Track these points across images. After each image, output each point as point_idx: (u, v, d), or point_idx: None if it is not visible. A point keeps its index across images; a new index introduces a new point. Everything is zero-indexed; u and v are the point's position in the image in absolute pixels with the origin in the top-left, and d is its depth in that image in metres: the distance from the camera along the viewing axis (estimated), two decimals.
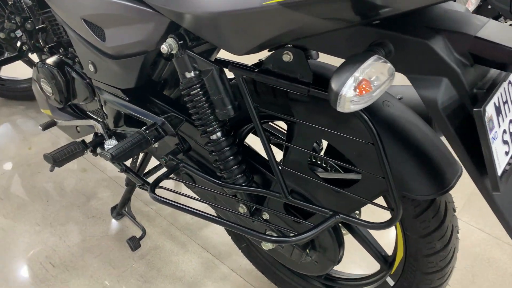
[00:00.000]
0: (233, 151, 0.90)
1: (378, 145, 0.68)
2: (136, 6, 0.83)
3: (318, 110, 0.76)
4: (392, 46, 0.62)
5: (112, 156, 0.88)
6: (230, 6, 0.64)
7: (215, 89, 0.81)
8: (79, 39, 1.02)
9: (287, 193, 0.82)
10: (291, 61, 0.70)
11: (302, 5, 0.58)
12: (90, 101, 1.22)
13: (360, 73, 0.54)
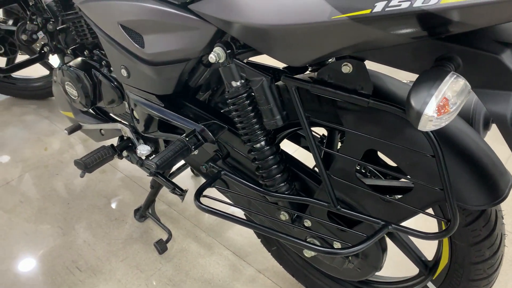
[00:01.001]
0: (277, 159, 0.89)
1: (439, 158, 0.67)
2: (180, 13, 0.81)
3: (372, 120, 0.76)
4: (460, 60, 0.61)
5: (157, 166, 0.87)
6: (296, 19, 0.62)
7: (264, 99, 0.80)
8: (112, 44, 1.00)
9: (336, 202, 0.82)
10: (351, 72, 0.69)
11: (374, 20, 0.57)
12: (117, 104, 1.20)
13: (440, 92, 0.53)
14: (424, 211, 0.77)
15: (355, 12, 0.57)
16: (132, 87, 1.06)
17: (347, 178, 0.83)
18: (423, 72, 0.58)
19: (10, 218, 1.48)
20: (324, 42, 0.64)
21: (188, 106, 1.03)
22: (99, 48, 1.24)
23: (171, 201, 1.55)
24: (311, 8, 0.61)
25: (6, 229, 1.44)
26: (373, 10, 0.56)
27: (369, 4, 0.56)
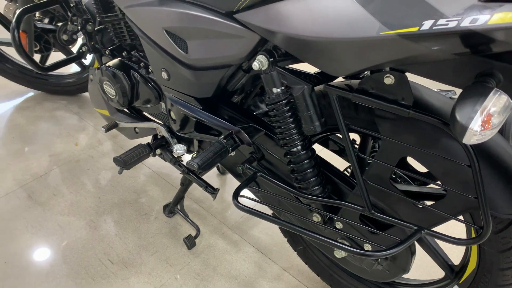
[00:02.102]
0: (312, 163, 0.93)
1: (475, 168, 0.71)
2: (225, 21, 0.85)
3: (408, 128, 0.79)
4: (501, 75, 0.64)
5: (199, 166, 0.91)
6: (343, 33, 0.66)
7: (304, 106, 0.84)
8: (154, 47, 1.05)
9: (370, 206, 0.86)
10: (393, 83, 0.73)
11: (421, 38, 0.60)
12: (153, 104, 1.25)
13: (485, 108, 0.56)
14: (456, 217, 0.80)
15: (404, 29, 0.61)
16: (171, 89, 1.11)
17: (382, 183, 0.87)
18: (467, 88, 0.61)
19: (44, 211, 1.54)
20: (370, 55, 0.68)
21: (224, 108, 1.07)
22: (136, 50, 1.29)
23: (198, 198, 1.60)
24: (359, 23, 0.65)
25: (41, 220, 1.50)
26: (421, 28, 0.59)
27: (417, 22, 0.59)
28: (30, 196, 1.60)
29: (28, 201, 1.58)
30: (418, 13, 0.60)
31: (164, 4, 0.94)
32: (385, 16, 0.62)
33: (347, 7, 0.66)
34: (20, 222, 1.50)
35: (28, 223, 1.50)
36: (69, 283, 1.31)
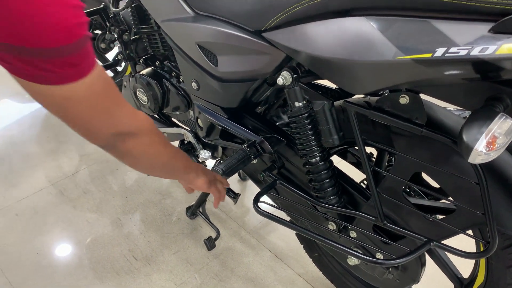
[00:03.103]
0: (329, 174, 0.98)
1: (483, 185, 0.75)
2: (253, 39, 0.92)
3: (422, 146, 0.84)
4: (509, 100, 0.69)
5: (223, 171, 0.98)
6: (362, 56, 0.72)
7: (324, 120, 0.90)
8: (186, 59, 1.12)
9: (383, 217, 0.91)
10: (408, 103, 0.78)
11: (434, 63, 0.65)
12: (182, 112, 1.32)
13: (490, 130, 0.61)
14: (465, 231, 0.85)
15: (418, 55, 0.66)
16: (200, 98, 1.18)
17: (395, 196, 0.92)
18: (475, 111, 0.66)
19: (75, 207, 1.63)
20: (387, 77, 0.73)
21: (248, 118, 1.14)
22: (169, 60, 1.37)
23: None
24: (377, 47, 0.70)
25: (71, 216, 1.60)
26: (434, 55, 0.64)
27: (431, 49, 0.65)
28: (61, 193, 1.70)
29: (60, 197, 1.68)
30: (432, 40, 0.65)
31: (197, 20, 1.01)
32: (401, 42, 0.68)
33: (366, 31, 0.72)
34: (51, 217, 1.59)
35: (59, 218, 1.59)
36: (96, 275, 1.39)
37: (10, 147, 1.94)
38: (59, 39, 0.60)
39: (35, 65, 0.61)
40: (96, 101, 0.72)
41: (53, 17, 0.58)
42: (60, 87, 0.65)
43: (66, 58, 0.63)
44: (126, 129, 0.81)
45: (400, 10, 0.69)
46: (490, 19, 0.61)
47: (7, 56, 0.60)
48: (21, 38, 0.57)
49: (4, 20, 0.55)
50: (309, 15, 0.80)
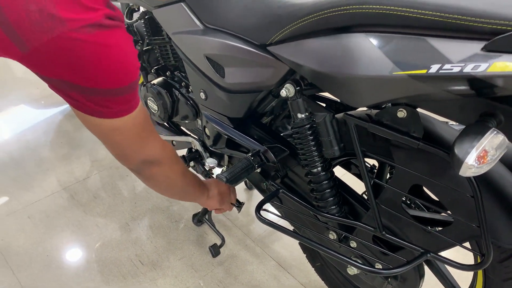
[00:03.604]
0: (330, 184, 1.01)
1: (478, 199, 0.77)
2: (259, 52, 0.96)
3: (420, 158, 0.86)
4: (502, 116, 0.71)
5: (226, 179, 1.01)
6: (361, 71, 0.75)
7: (325, 132, 0.93)
8: (195, 70, 1.16)
9: (381, 228, 0.93)
10: (405, 117, 0.80)
11: (429, 79, 0.68)
12: (190, 121, 1.36)
13: (481, 145, 0.64)
14: (461, 244, 0.86)
15: (413, 71, 0.69)
16: (207, 108, 1.22)
17: (394, 207, 0.94)
18: (468, 126, 0.68)
19: (85, 211, 1.68)
20: (384, 91, 0.76)
21: (254, 128, 1.17)
22: (179, 71, 1.41)
23: None
24: (375, 62, 0.73)
25: (81, 220, 1.64)
26: (429, 71, 0.67)
27: (426, 65, 0.67)
28: (72, 197, 1.75)
29: (71, 201, 1.73)
30: (427, 57, 0.68)
31: (206, 33, 1.06)
32: (398, 58, 0.71)
33: (365, 47, 0.75)
34: (62, 220, 1.64)
35: (70, 221, 1.64)
36: (103, 279, 1.42)
37: (25, 151, 2.00)
38: (121, 81, 0.71)
39: (98, 102, 0.72)
40: (136, 132, 0.83)
41: (119, 63, 0.69)
42: (112, 120, 0.76)
43: (123, 97, 0.74)
44: (154, 157, 0.92)
45: (397, 28, 0.72)
46: (483, 37, 0.63)
47: (75, 94, 0.70)
48: (92, 80, 0.68)
49: (78, 66, 0.65)
50: (312, 31, 0.83)
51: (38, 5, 0.60)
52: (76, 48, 0.64)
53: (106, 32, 0.66)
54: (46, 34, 0.62)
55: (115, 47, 0.68)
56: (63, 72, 0.67)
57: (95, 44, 0.65)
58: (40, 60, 0.66)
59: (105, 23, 0.66)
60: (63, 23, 0.62)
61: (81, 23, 0.63)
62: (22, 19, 0.60)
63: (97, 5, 0.66)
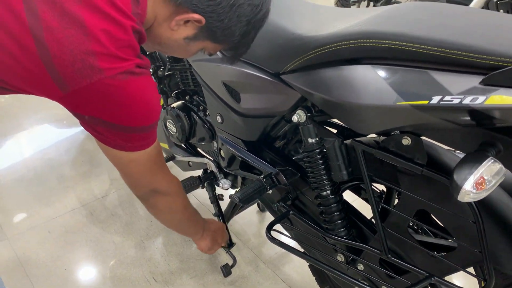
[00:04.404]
0: (339, 207, 1.05)
1: (479, 224, 0.80)
2: (273, 80, 1.02)
3: (424, 184, 0.89)
4: (502, 146, 0.75)
5: (239, 199, 1.06)
6: (368, 100, 0.80)
7: (334, 157, 0.97)
8: (213, 95, 1.23)
9: (387, 251, 0.96)
10: (410, 144, 0.85)
11: (430, 110, 0.73)
12: (207, 143, 1.42)
13: (479, 172, 0.67)
14: (465, 269, 0.89)
15: (416, 101, 0.74)
16: (223, 131, 1.28)
17: (400, 231, 0.97)
18: (468, 154, 0.72)
19: (102, 228, 1.74)
20: (388, 120, 0.81)
21: (267, 151, 1.22)
22: (198, 95, 1.49)
23: (237, 231, 1.74)
24: (381, 93, 0.78)
25: (99, 236, 1.70)
26: (430, 102, 0.72)
27: (427, 96, 0.72)
28: (91, 214, 1.81)
29: (89, 218, 1.79)
30: (428, 89, 0.73)
31: (224, 61, 1.12)
32: (402, 89, 0.76)
33: (371, 78, 0.80)
34: (81, 236, 1.70)
35: (88, 237, 1.69)
36: None
37: (48, 168, 2.08)
38: (145, 121, 0.82)
39: (121, 137, 0.82)
40: (150, 164, 0.92)
41: (145, 106, 0.80)
42: (130, 153, 0.86)
43: (143, 134, 0.84)
44: (161, 188, 1.00)
45: (401, 60, 0.77)
46: (480, 72, 0.68)
47: (102, 129, 0.80)
48: (120, 118, 0.78)
49: (111, 106, 0.76)
50: (322, 62, 0.89)
51: (82, 57, 0.70)
52: (110, 91, 0.74)
53: (135, 79, 0.76)
54: (85, 79, 0.72)
55: (142, 92, 0.78)
56: (96, 110, 0.77)
57: (126, 89, 0.75)
58: (78, 100, 0.76)
59: (135, 71, 0.76)
60: (101, 71, 0.72)
61: (116, 71, 0.73)
62: (67, 66, 0.70)
63: (129, 56, 0.75)
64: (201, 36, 0.85)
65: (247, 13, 0.82)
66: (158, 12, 0.81)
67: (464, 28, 0.75)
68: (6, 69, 0.72)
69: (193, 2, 0.78)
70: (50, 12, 0.69)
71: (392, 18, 0.83)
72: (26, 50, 0.70)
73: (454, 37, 0.72)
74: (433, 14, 0.82)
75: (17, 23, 0.69)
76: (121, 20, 0.74)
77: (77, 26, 0.70)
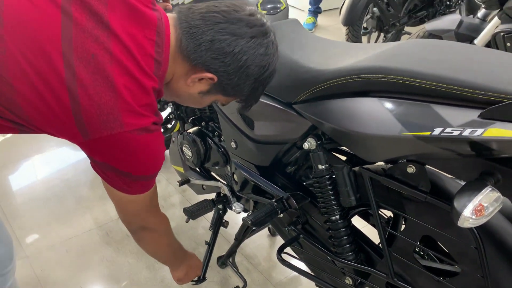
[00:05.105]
0: (348, 232, 1.09)
1: (481, 250, 0.84)
2: (285, 109, 1.08)
3: (429, 212, 0.94)
4: (500, 176, 0.79)
5: (252, 222, 1.11)
6: (374, 130, 0.85)
7: (343, 183, 1.02)
8: (228, 122, 1.30)
9: (393, 275, 0.99)
10: (414, 172, 0.90)
11: (432, 140, 0.78)
12: (221, 167, 1.48)
13: (477, 200, 0.72)
14: None
15: (419, 133, 0.79)
16: (237, 156, 1.34)
17: (406, 256, 1.01)
18: (468, 182, 0.77)
19: (118, 249, 1.79)
20: (393, 149, 0.86)
21: (278, 176, 1.28)
22: (213, 121, 1.56)
23: (248, 254, 1.78)
24: (386, 124, 0.84)
25: (114, 256, 1.75)
26: (432, 133, 0.77)
27: (430, 128, 0.78)
28: (107, 235, 1.87)
29: (105, 238, 1.85)
30: (431, 121, 0.78)
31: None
32: (406, 121, 0.81)
33: (378, 110, 0.86)
34: (97, 255, 1.75)
35: (104, 257, 1.75)
36: None
37: (66, 189, 2.16)
38: (149, 171, 0.93)
39: (126, 182, 0.91)
40: (145, 205, 1.02)
41: (152, 159, 0.91)
42: (131, 195, 0.95)
43: (145, 182, 0.94)
44: (151, 225, 1.10)
45: (406, 94, 0.83)
46: (479, 106, 0.74)
47: (110, 174, 0.89)
48: (128, 167, 0.88)
49: (123, 156, 0.86)
50: (332, 93, 0.95)
51: (108, 111, 0.80)
52: (125, 144, 0.84)
53: (149, 135, 0.86)
54: (106, 130, 0.81)
55: (151, 147, 0.88)
56: (110, 158, 0.86)
57: (140, 144, 0.85)
58: (96, 147, 0.85)
59: (150, 128, 0.86)
60: (122, 125, 0.81)
61: (135, 126, 0.83)
62: (93, 118, 0.80)
63: (149, 113, 0.86)
64: (213, 91, 0.94)
65: (255, 73, 0.90)
66: (176, 70, 0.91)
67: (463, 65, 0.81)
68: (36, 111, 0.80)
69: (207, 63, 0.87)
70: (85, 70, 0.78)
71: (397, 55, 0.89)
72: (59, 100, 0.79)
73: (453, 73, 0.78)
74: (435, 51, 0.88)
75: (56, 77, 0.78)
76: (144, 82, 0.84)
77: (107, 85, 0.79)
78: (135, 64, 0.82)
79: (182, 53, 0.88)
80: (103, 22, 0.80)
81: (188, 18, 0.88)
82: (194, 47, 0.86)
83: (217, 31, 0.86)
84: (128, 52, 0.82)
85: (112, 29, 0.81)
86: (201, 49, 0.86)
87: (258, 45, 0.88)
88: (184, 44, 0.87)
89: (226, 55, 0.86)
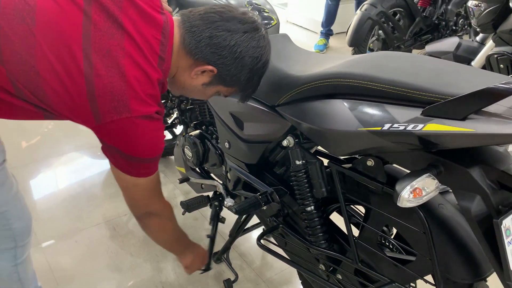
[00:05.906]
0: (321, 222, 1.21)
1: (428, 234, 0.95)
2: (269, 111, 1.22)
3: (388, 202, 1.06)
4: (443, 168, 0.91)
5: (236, 211, 1.24)
6: (337, 126, 0.98)
7: (315, 176, 1.15)
8: (222, 124, 1.45)
9: (358, 260, 1.11)
10: (373, 166, 1.02)
11: (383, 135, 0.91)
12: (217, 167, 1.62)
13: (415, 183, 0.84)
14: (423, 277, 1.02)
15: (372, 128, 0.92)
16: (230, 156, 1.48)
17: (370, 244, 1.12)
18: (412, 171, 0.89)
19: (123, 242, 1.94)
20: (353, 143, 0.99)
21: (265, 174, 1.41)
22: (213, 126, 1.71)
23: (242, 252, 1.90)
24: (347, 121, 0.97)
25: (118, 248, 1.90)
26: (382, 128, 0.90)
27: (381, 124, 0.90)
28: (114, 229, 2.02)
29: (112, 232, 1.99)
30: (382, 118, 0.91)
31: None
32: (362, 118, 0.94)
33: (340, 109, 0.99)
34: (103, 247, 1.90)
35: (109, 248, 1.89)
36: None
37: (80, 188, 2.33)
38: (151, 153, 1.05)
39: (131, 164, 1.05)
40: (149, 190, 1.14)
41: (153, 142, 1.04)
42: (136, 178, 1.08)
43: (148, 164, 1.07)
44: (156, 210, 1.21)
45: (366, 96, 0.96)
46: (421, 105, 0.86)
47: (118, 156, 1.04)
48: (133, 150, 1.02)
49: (128, 139, 1.00)
50: (307, 96, 1.09)
51: (119, 98, 0.94)
52: (131, 128, 0.97)
53: (152, 122, 1.00)
54: (116, 115, 0.95)
55: (153, 133, 1.02)
56: (117, 141, 1.00)
57: (143, 129, 0.99)
58: (106, 130, 0.99)
59: (153, 116, 1.00)
60: (130, 111, 0.95)
61: (140, 113, 0.96)
62: (106, 103, 0.94)
63: (154, 102, 1.00)
64: (215, 82, 1.08)
65: (249, 63, 1.04)
66: (180, 65, 1.05)
67: (413, 71, 0.94)
68: (57, 95, 0.95)
69: (207, 56, 1.02)
70: (101, 62, 0.93)
71: (360, 62, 1.03)
72: (77, 85, 0.93)
73: (404, 77, 0.91)
74: (393, 60, 1.01)
75: (76, 67, 0.92)
76: (151, 74, 0.98)
77: (119, 76, 0.94)
78: (144, 58, 0.97)
79: (185, 49, 1.02)
80: (118, 23, 0.96)
81: (190, 19, 1.03)
82: (195, 43, 1.01)
83: (214, 28, 1.00)
84: (138, 48, 0.97)
85: (125, 29, 0.96)
86: (201, 45, 1.01)
87: (251, 39, 1.02)
88: (187, 41, 1.02)
89: (223, 48, 1.00)
